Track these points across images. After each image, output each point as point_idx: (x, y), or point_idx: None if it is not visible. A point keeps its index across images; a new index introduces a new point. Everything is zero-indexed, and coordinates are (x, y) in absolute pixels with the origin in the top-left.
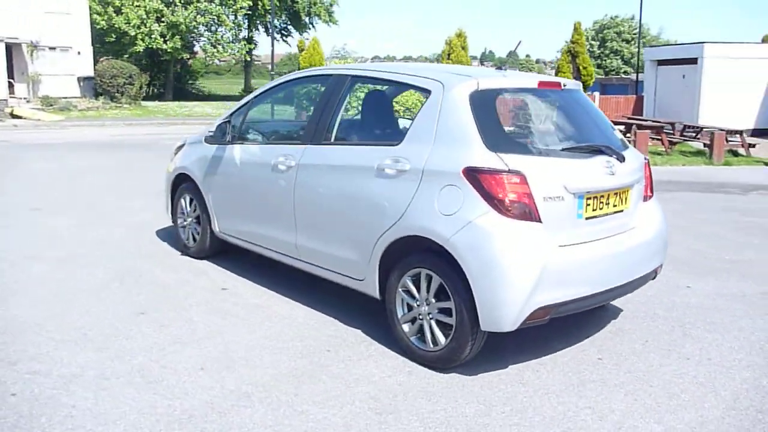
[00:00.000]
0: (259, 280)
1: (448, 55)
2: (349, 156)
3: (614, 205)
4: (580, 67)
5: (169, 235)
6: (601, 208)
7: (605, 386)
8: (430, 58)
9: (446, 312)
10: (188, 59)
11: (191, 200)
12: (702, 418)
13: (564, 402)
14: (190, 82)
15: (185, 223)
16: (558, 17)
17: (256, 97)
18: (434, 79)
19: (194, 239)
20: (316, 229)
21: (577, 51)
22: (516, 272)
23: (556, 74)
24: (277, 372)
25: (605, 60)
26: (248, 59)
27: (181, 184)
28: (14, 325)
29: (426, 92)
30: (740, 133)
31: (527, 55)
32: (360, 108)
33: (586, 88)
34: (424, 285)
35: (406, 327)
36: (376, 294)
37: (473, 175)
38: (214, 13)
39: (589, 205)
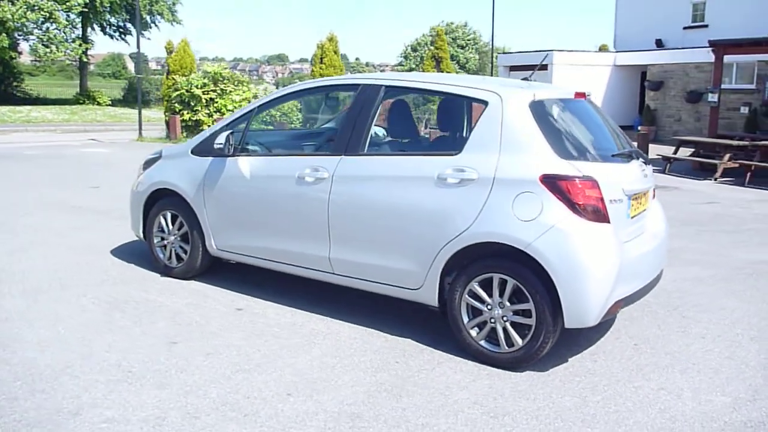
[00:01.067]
0: (266, 296)
1: (321, 58)
2: (400, 166)
3: (643, 205)
4: (445, 72)
5: (132, 255)
6: (637, 208)
7: (659, 368)
8: (261, 60)
9: (523, 313)
10: (12, 59)
11: (174, 217)
12: (752, 387)
13: (639, 386)
14: (15, 84)
15: (165, 242)
16: (392, 21)
17: (259, 106)
18: (491, 91)
19: (178, 258)
20: (358, 242)
21: (441, 56)
22: (600, 270)
23: None
24: (366, 389)
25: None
26: (85, 60)
27: (158, 200)
28: (39, 371)
29: (482, 103)
30: None
31: (357, 58)
32: (394, 118)
33: None
34: (496, 289)
35: (473, 332)
36: (434, 302)
37: (552, 181)
38: (45, 10)
39: (632, 205)
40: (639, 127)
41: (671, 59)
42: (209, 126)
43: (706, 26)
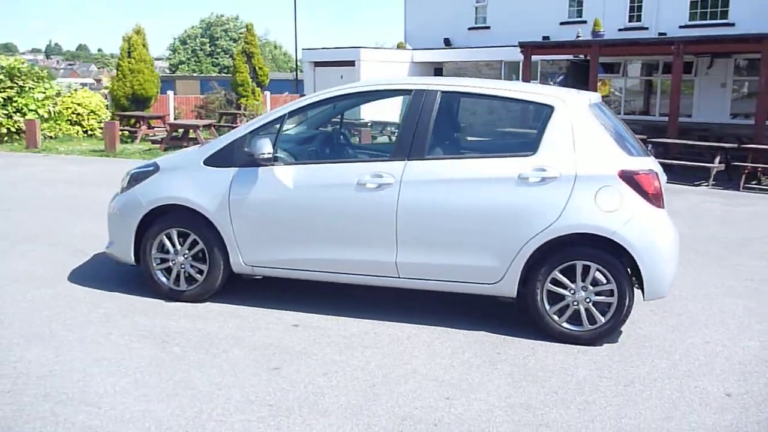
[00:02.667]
0: (299, 308)
1: (129, 52)
2: (475, 168)
3: None
4: (256, 68)
5: (102, 282)
6: None
7: (697, 327)
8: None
9: (604, 294)
10: None
11: (182, 235)
12: None
13: (711, 351)
14: None
15: (170, 263)
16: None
17: (290, 112)
18: (555, 96)
19: (189, 280)
20: (429, 244)
21: (252, 52)
22: (670, 248)
23: (233, 75)
24: (494, 386)
25: (218, 58)
26: None
27: (156, 217)
28: (184, 427)
29: (548, 107)
30: None
31: (99, 50)
32: (454, 121)
33: (261, 87)
34: (579, 274)
35: (555, 316)
36: (513, 294)
37: (629, 176)
38: None
39: None
40: None
41: (464, 57)
42: (10, 129)
43: (488, 28)
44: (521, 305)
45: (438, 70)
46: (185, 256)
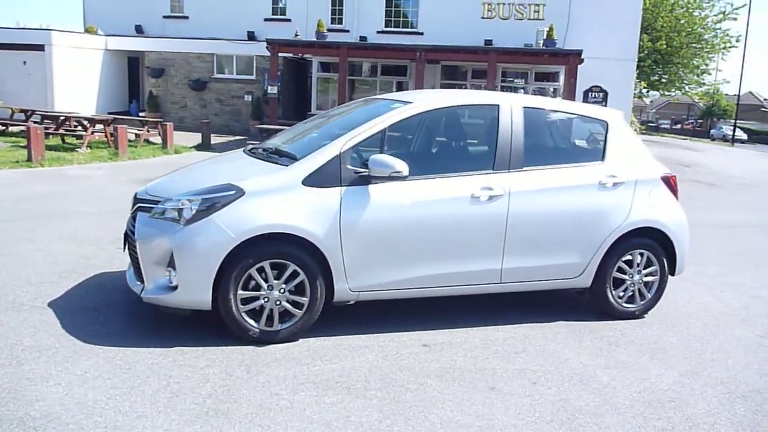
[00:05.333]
0: (403, 327)
1: None
2: (569, 177)
3: None
4: None
5: (145, 336)
6: None
7: (704, 288)
8: None
9: (652, 274)
10: None
11: (279, 267)
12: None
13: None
14: None
15: (264, 301)
16: None
17: (390, 126)
18: (606, 112)
19: (283, 317)
20: (529, 249)
21: None
22: (688, 233)
23: None
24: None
25: None
26: None
27: (239, 251)
28: None
29: (603, 123)
30: (158, 123)
31: None
32: (536, 134)
33: None
34: (636, 261)
35: (618, 298)
36: (589, 284)
37: (666, 178)
38: None
39: None
40: (142, 114)
41: (171, 48)
42: None
43: (187, 17)
44: (593, 292)
45: (134, 60)
46: (281, 290)
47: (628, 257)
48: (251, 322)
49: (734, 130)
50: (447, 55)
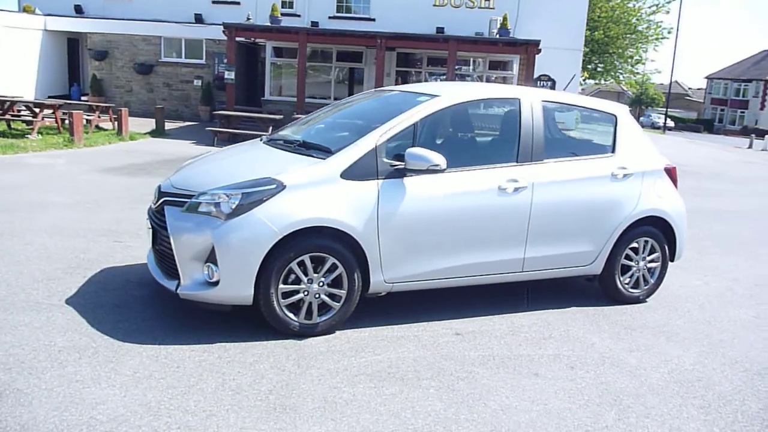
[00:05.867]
0: (427, 317)
1: None
2: (585, 169)
3: None
4: None
5: (206, 327)
6: None
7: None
8: None
9: (655, 260)
10: None
11: (318, 260)
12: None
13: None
14: None
15: (304, 294)
16: None
17: (422, 119)
18: (614, 106)
19: (322, 309)
20: (549, 239)
21: None
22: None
23: None
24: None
25: None
26: None
27: (280, 246)
28: None
29: (612, 116)
30: (109, 108)
31: None
32: (551, 127)
33: None
34: (641, 248)
35: (626, 284)
36: (599, 271)
37: (668, 170)
38: None
39: None
40: (84, 98)
41: (114, 29)
42: None
43: None
44: (602, 279)
45: (74, 41)
46: (321, 283)
47: (635, 245)
48: (291, 315)
49: (666, 118)
50: (407, 42)
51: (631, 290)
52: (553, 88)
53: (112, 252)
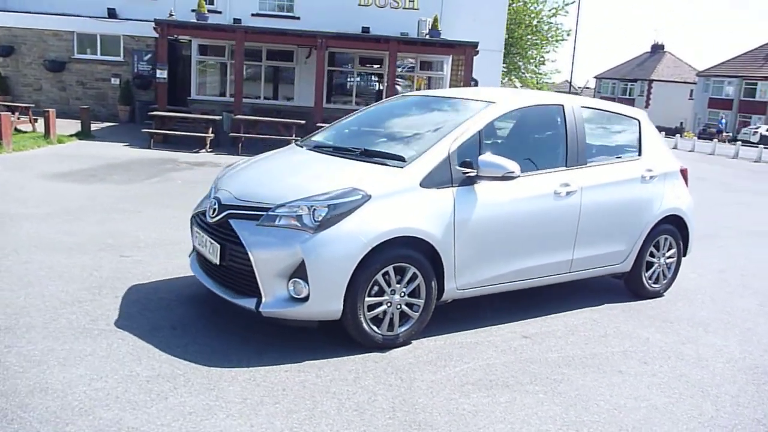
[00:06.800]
0: (482, 323)
1: None
2: (620, 172)
3: None
4: None
5: (277, 345)
6: None
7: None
8: None
9: (672, 256)
10: None
11: (400, 270)
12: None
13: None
14: None
15: (384, 306)
16: None
17: (486, 125)
18: (637, 111)
19: (401, 319)
20: (595, 239)
21: None
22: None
23: None
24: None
25: None
26: None
27: (371, 256)
28: None
29: (636, 120)
30: (28, 108)
31: None
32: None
33: None
34: (662, 245)
35: (649, 280)
36: (629, 269)
37: (682, 171)
38: None
39: None
40: None
41: (21, 23)
42: None
43: None
44: (630, 276)
45: None
46: (402, 294)
47: (657, 242)
48: (375, 328)
49: None
50: (347, 42)
51: (653, 285)
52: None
53: (126, 268)
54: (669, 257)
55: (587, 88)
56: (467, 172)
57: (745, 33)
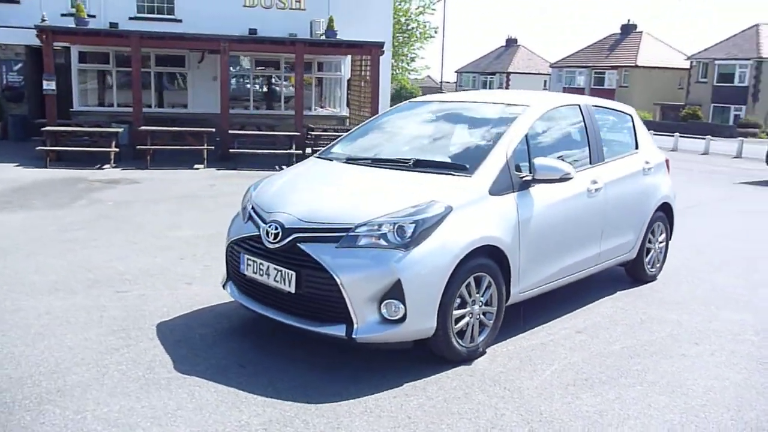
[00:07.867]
0: (535, 321)
1: None
2: (628, 166)
3: None
4: None
5: (360, 369)
6: None
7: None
8: None
9: (662, 241)
10: None
11: (477, 280)
12: None
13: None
14: None
15: (469, 317)
16: None
17: (531, 127)
18: (627, 107)
19: (480, 329)
20: (615, 232)
21: None
22: None
23: None
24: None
25: None
26: None
27: (458, 268)
28: None
29: (629, 116)
30: None
31: None
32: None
33: None
34: (656, 231)
35: (648, 264)
36: (635, 255)
37: (666, 162)
38: None
39: None
40: None
41: None
42: None
43: None
44: (634, 263)
45: None
46: (480, 304)
47: (652, 229)
48: (460, 341)
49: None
50: (252, 46)
51: (651, 270)
52: None
53: (134, 306)
54: (660, 242)
55: (447, 82)
56: (524, 176)
57: (591, 24)
